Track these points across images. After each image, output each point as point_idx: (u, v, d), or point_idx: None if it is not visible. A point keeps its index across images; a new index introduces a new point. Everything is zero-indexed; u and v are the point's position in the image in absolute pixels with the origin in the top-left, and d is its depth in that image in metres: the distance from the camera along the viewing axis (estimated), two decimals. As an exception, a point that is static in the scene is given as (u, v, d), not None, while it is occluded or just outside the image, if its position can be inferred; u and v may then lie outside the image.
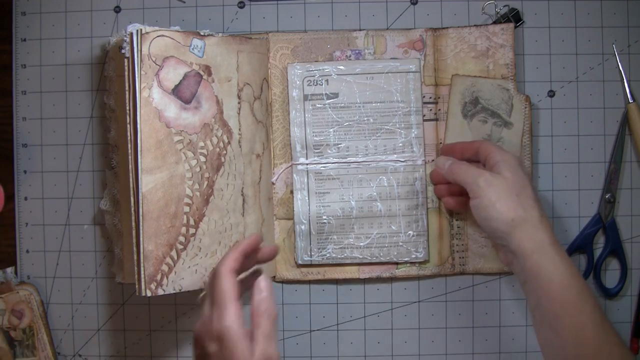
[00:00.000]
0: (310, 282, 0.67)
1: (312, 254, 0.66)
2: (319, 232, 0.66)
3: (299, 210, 0.66)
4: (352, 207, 0.66)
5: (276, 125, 0.66)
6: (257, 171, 0.64)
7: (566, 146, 0.67)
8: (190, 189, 0.59)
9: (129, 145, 0.56)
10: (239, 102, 0.63)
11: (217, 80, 0.61)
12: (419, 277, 0.67)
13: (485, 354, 0.67)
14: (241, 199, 0.63)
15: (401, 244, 0.65)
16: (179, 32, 0.58)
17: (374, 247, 0.66)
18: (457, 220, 0.66)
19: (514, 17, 0.66)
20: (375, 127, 0.66)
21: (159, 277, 0.56)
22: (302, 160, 0.66)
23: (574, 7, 0.67)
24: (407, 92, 0.65)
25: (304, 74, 0.65)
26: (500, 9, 0.66)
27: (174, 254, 0.57)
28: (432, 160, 0.66)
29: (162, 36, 0.57)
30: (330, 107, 0.66)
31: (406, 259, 0.66)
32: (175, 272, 0.57)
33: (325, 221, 0.66)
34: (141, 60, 0.56)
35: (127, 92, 0.56)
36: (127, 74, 0.56)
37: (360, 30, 0.66)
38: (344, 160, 0.66)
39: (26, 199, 0.68)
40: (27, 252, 0.68)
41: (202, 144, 0.59)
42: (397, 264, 0.66)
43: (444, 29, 0.66)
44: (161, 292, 0.56)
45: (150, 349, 0.68)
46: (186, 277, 0.58)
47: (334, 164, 0.66)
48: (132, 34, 0.56)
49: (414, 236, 0.65)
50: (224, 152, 0.61)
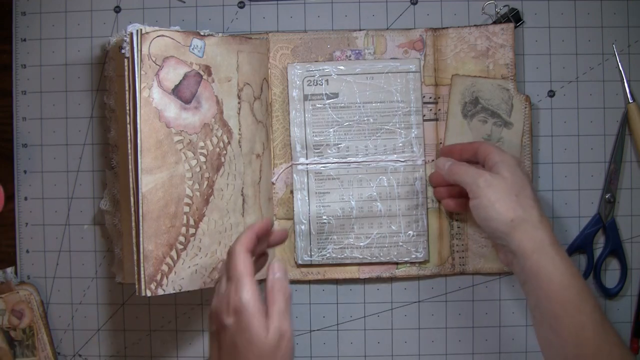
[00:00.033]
0: (310, 282, 0.67)
1: (312, 254, 0.66)
2: (319, 232, 0.66)
3: (299, 210, 0.66)
4: (352, 207, 0.66)
5: (276, 125, 0.66)
6: (257, 171, 0.64)
7: (566, 146, 0.67)
8: (190, 189, 0.59)
9: (129, 145, 0.56)
10: (239, 102, 0.63)
11: (217, 80, 0.61)
12: (419, 277, 0.67)
13: (485, 354, 0.67)
14: (241, 199, 0.63)
15: (401, 244, 0.65)
16: (179, 32, 0.58)
17: (374, 247, 0.66)
18: (457, 220, 0.66)
19: (514, 17, 0.66)
20: (375, 127, 0.66)
21: (159, 277, 0.56)
22: (302, 160, 0.66)
23: (574, 7, 0.67)
24: (407, 92, 0.65)
25: (304, 74, 0.65)
26: (500, 9, 0.66)
27: (174, 254, 0.57)
28: (432, 160, 0.66)
29: (162, 36, 0.57)
30: (330, 107, 0.66)
31: (406, 259, 0.66)
32: (175, 272, 0.57)
33: (325, 221, 0.66)
34: (141, 60, 0.56)
35: (127, 92, 0.56)
36: (127, 74, 0.56)
37: (360, 30, 0.66)
38: (344, 160, 0.66)
39: (26, 199, 0.68)
40: (27, 252, 0.68)
41: (202, 144, 0.59)
42: (397, 264, 0.66)
43: (444, 29, 0.66)
44: (161, 292, 0.56)
45: (150, 349, 0.68)
46: (186, 277, 0.58)
47: (334, 164, 0.66)
48: (132, 34, 0.56)
49: (414, 236, 0.65)
50: (224, 152, 0.61)
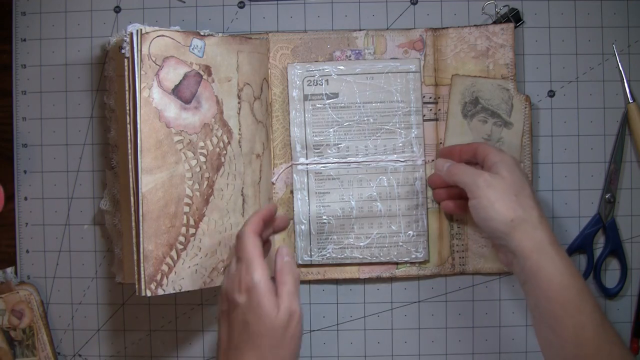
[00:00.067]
0: (310, 282, 0.67)
1: (312, 254, 0.66)
2: (319, 232, 0.66)
3: (299, 210, 0.66)
4: (352, 207, 0.66)
5: (276, 125, 0.66)
6: (257, 171, 0.64)
7: (566, 146, 0.67)
8: (190, 189, 0.59)
9: (129, 145, 0.56)
10: (239, 102, 0.63)
11: (217, 80, 0.61)
12: (419, 277, 0.67)
13: (485, 354, 0.67)
14: (241, 199, 0.63)
15: (401, 244, 0.65)
16: (179, 32, 0.58)
17: (374, 247, 0.66)
18: (457, 220, 0.66)
19: (514, 17, 0.66)
20: (375, 127, 0.66)
21: (158, 277, 0.56)
22: (302, 160, 0.66)
23: (574, 7, 0.67)
24: (407, 92, 0.65)
25: (304, 74, 0.65)
26: (500, 9, 0.66)
27: (173, 254, 0.57)
28: (432, 160, 0.66)
29: (162, 36, 0.57)
30: (330, 107, 0.65)
31: (406, 259, 0.66)
32: (175, 272, 0.57)
33: (325, 221, 0.66)
34: (141, 60, 0.56)
35: (127, 92, 0.56)
36: (127, 74, 0.56)
37: (360, 30, 0.66)
38: (344, 160, 0.66)
39: (26, 199, 0.68)
40: (27, 252, 0.68)
41: (202, 144, 0.59)
42: (397, 264, 0.66)
43: (444, 29, 0.66)
44: (161, 292, 0.56)
45: (150, 349, 0.68)
46: (186, 277, 0.58)
47: (334, 164, 0.66)
48: (132, 34, 0.56)
49: (414, 236, 0.65)
50: (224, 152, 0.61)
